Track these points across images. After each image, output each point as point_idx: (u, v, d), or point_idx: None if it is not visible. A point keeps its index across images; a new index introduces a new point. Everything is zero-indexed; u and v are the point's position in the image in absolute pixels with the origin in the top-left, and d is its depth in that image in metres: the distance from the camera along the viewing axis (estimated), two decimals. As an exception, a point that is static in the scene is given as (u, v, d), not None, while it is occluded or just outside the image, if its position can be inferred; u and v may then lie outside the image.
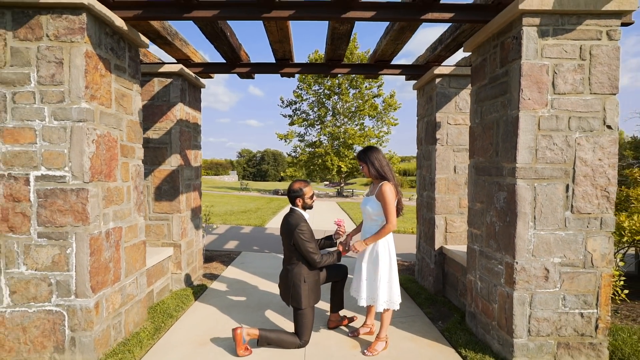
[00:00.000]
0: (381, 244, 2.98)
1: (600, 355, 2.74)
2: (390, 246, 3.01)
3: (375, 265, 2.96)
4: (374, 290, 2.95)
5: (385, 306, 2.94)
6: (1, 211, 2.58)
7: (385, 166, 3.00)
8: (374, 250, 2.97)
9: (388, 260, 2.97)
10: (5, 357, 2.64)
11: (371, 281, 2.98)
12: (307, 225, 3.01)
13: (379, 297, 2.91)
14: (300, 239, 2.92)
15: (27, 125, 2.56)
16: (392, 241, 3.07)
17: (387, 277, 2.94)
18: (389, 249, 2.98)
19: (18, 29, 2.52)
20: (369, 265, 2.99)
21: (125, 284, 3.10)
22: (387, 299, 2.94)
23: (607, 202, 2.69)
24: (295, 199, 3.10)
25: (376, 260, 2.96)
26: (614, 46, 2.64)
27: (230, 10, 2.98)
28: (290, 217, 3.06)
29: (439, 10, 2.98)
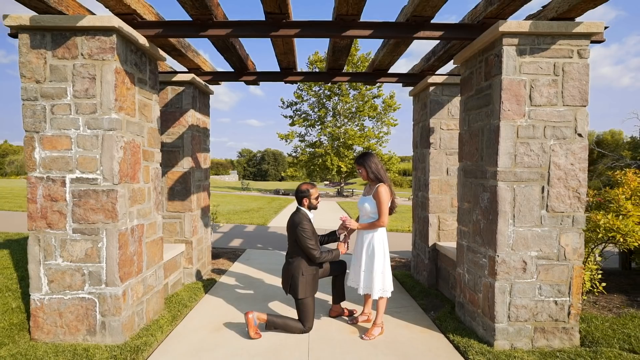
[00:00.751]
0: (377, 240, 3.31)
1: (572, 339, 3.07)
2: (384, 242, 3.34)
3: (372, 259, 3.29)
4: (370, 281, 3.29)
5: (380, 294, 3.27)
6: (40, 210, 2.92)
7: (381, 169, 3.35)
8: (371, 245, 3.31)
9: (382, 255, 3.31)
10: (44, 339, 2.98)
11: (368, 272, 3.32)
12: (309, 224, 3.34)
13: (374, 286, 3.25)
14: (302, 236, 3.26)
15: (63, 134, 2.89)
16: (386, 238, 3.40)
17: (381, 268, 3.28)
18: (383, 245, 3.32)
19: (57, 49, 2.85)
20: (366, 259, 3.33)
21: (147, 275, 3.43)
22: (381, 287, 3.28)
23: (578, 202, 3.02)
24: (302, 199, 3.44)
25: (372, 254, 3.30)
26: (584, 63, 2.97)
27: (241, 29, 3.31)
28: (295, 215, 3.40)
29: (430, 29, 3.31)
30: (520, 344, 3.05)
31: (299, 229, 3.27)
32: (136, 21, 3.16)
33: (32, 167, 2.91)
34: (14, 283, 4.25)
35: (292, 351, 3.02)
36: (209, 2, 2.96)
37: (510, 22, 2.90)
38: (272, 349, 3.05)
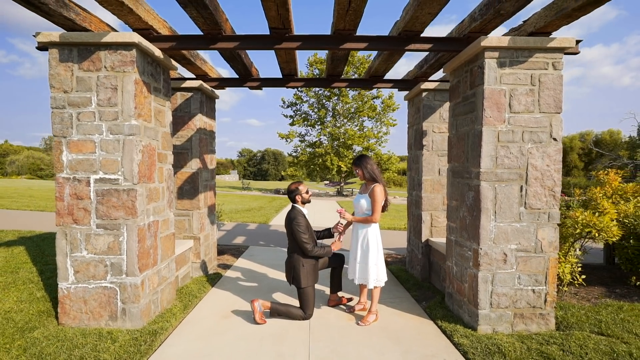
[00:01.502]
0: (371, 235, 3.63)
1: (548, 324, 3.39)
2: (377, 237, 3.67)
3: (366, 252, 3.61)
4: (366, 272, 3.60)
5: (374, 284, 3.59)
6: (67, 207, 3.23)
7: (376, 170, 3.67)
8: (365, 239, 3.62)
9: (376, 248, 3.63)
10: (70, 324, 3.29)
11: (363, 264, 3.63)
12: (303, 219, 3.67)
13: (370, 277, 3.57)
14: (297, 230, 3.58)
15: (88, 139, 3.21)
16: (379, 233, 3.72)
17: (375, 261, 3.60)
18: (376, 239, 3.64)
19: (82, 62, 3.17)
20: (361, 252, 3.65)
21: (161, 267, 3.75)
22: (376, 277, 3.60)
23: (553, 200, 3.34)
24: (294, 197, 3.78)
25: (367, 248, 3.62)
26: (558, 74, 3.29)
27: (248, 42, 3.62)
28: (291, 212, 3.74)
29: (420, 42, 3.62)
30: (501, 329, 3.37)
31: (294, 224, 3.60)
32: (152, 35, 3.47)
33: (60, 169, 3.22)
34: (35, 276, 4.58)
35: (295, 335, 3.34)
36: (218, 18, 3.27)
37: (492, 37, 3.21)
38: (276, 333, 3.37)
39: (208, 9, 3.00)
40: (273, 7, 3.00)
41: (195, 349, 3.02)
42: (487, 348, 3.02)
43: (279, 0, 2.89)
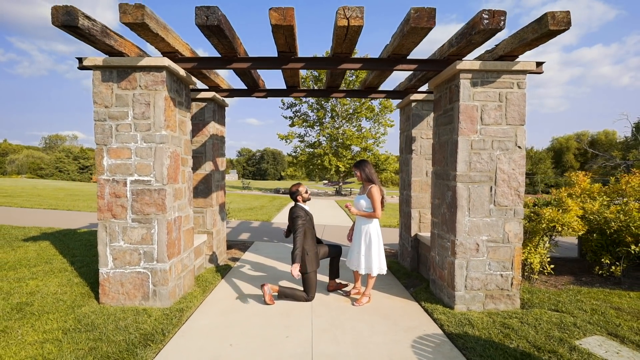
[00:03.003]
0: (372, 230, 4.23)
1: (514, 303, 4.00)
2: (378, 232, 4.28)
3: (369, 245, 4.21)
4: (370, 262, 4.21)
5: (378, 271, 4.20)
6: (107, 204, 3.82)
7: (373, 174, 4.29)
8: (367, 234, 4.22)
9: (377, 241, 4.23)
10: (109, 303, 3.88)
11: (367, 256, 4.23)
12: (302, 212, 4.27)
13: (373, 266, 4.18)
14: (295, 222, 4.20)
15: (125, 146, 3.80)
16: (379, 228, 4.32)
17: (377, 252, 4.21)
18: (378, 234, 4.25)
19: (121, 82, 3.76)
20: (364, 245, 4.24)
21: (183, 256, 4.34)
22: (378, 266, 4.20)
23: (518, 198, 3.94)
24: (296, 197, 4.40)
25: (370, 242, 4.22)
26: (522, 93, 3.90)
27: (258, 63, 4.22)
28: (293, 208, 4.39)
29: (407, 63, 4.22)
30: (474, 307, 3.98)
31: (295, 216, 4.24)
32: (177, 57, 4.06)
33: (101, 171, 3.81)
34: (68, 265, 5.18)
35: (299, 313, 3.93)
36: (234, 44, 3.86)
37: (465, 62, 3.82)
38: (283, 311, 3.97)
39: (227, 38, 3.59)
40: (282, 37, 3.60)
41: (217, 322, 3.62)
42: (460, 321, 3.62)
43: (287, 33, 3.49)
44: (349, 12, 3.24)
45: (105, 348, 2.93)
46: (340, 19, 3.26)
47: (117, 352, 2.87)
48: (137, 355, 2.85)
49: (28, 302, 3.81)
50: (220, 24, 3.25)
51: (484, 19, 3.24)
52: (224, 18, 3.33)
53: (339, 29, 3.37)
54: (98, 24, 3.36)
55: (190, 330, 3.43)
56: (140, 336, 3.16)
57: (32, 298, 3.92)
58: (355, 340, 3.30)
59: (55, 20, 3.10)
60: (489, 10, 3.25)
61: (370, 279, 4.29)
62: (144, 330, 3.27)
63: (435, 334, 3.44)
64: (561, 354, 2.92)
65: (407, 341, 3.30)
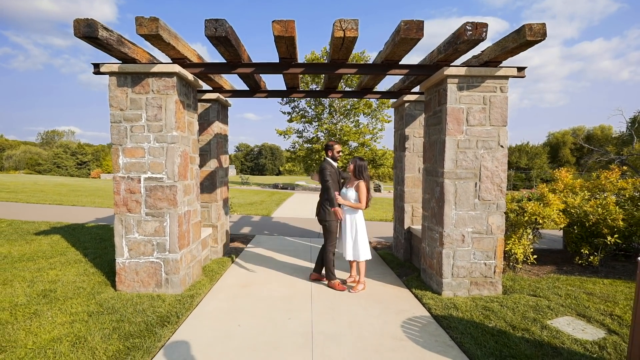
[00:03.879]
0: (359, 221, 4.59)
1: (496, 289, 4.37)
2: (363, 222, 4.65)
3: (356, 234, 4.57)
4: (357, 250, 4.57)
5: (365, 257, 4.56)
6: (123, 199, 4.16)
7: (365, 172, 4.63)
8: (354, 225, 4.58)
9: (363, 231, 4.60)
10: (125, 290, 4.23)
11: (355, 244, 4.60)
12: (330, 167, 4.66)
13: (361, 253, 4.55)
14: (323, 173, 4.59)
15: (139, 146, 4.12)
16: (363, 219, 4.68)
17: (363, 240, 4.57)
18: (363, 224, 4.62)
19: (135, 87, 4.07)
20: (353, 234, 4.60)
21: (192, 247, 4.69)
22: (365, 252, 4.57)
23: (501, 193, 4.30)
24: (327, 151, 4.80)
25: (356, 232, 4.58)
26: (504, 96, 4.24)
27: (262, 68, 4.54)
28: (322, 163, 4.73)
29: (399, 68, 4.55)
30: (460, 293, 4.35)
31: (322, 168, 4.61)
32: (186, 63, 4.38)
33: (117, 169, 4.14)
34: (82, 257, 5.52)
35: (300, 298, 4.29)
36: (239, 51, 4.17)
37: (452, 67, 4.15)
38: (286, 296, 4.33)
39: (233, 46, 3.91)
40: (284, 46, 3.92)
41: (225, 306, 3.98)
42: (446, 305, 3.99)
43: (288, 42, 3.81)
44: (345, 24, 3.56)
45: (127, 327, 3.28)
46: (337, 31, 3.58)
47: (139, 331, 3.23)
48: (156, 334, 3.20)
49: (51, 289, 4.16)
50: (227, 35, 3.56)
51: (467, 31, 3.57)
52: (231, 29, 3.65)
53: (336, 39, 3.69)
54: (114, 34, 3.67)
55: (202, 313, 3.78)
56: (157, 318, 3.51)
57: (54, 286, 4.26)
58: (350, 321, 3.66)
59: (77, 32, 3.40)
60: (472, 23, 3.58)
61: (362, 266, 4.66)
62: (160, 313, 3.62)
63: (423, 316, 3.81)
64: (533, 332, 3.30)
65: (398, 322, 3.66)
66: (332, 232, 4.71)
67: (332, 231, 4.71)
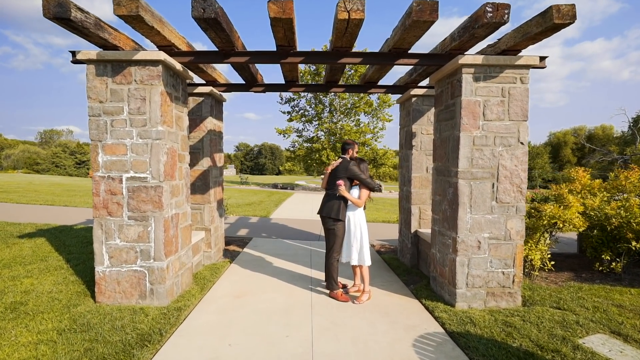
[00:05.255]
0: (362, 223, 4.23)
1: (515, 300, 3.97)
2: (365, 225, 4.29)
3: (361, 238, 4.20)
4: (362, 254, 4.19)
5: (369, 262, 4.19)
6: (103, 201, 3.75)
7: (367, 171, 4.25)
8: (359, 227, 4.20)
9: (366, 233, 4.23)
10: (106, 302, 3.82)
11: (361, 247, 4.21)
12: (356, 165, 4.28)
13: (365, 256, 4.20)
14: (357, 172, 4.22)
15: (121, 142, 3.71)
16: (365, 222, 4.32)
17: (367, 244, 4.21)
18: (366, 226, 4.26)
19: (115, 76, 3.66)
20: (356, 238, 4.21)
21: (181, 254, 4.28)
22: (369, 257, 4.19)
23: (520, 195, 3.89)
24: (347, 150, 4.43)
25: (361, 235, 4.21)
26: (525, 88, 3.83)
27: (257, 57, 4.13)
28: (344, 162, 4.34)
29: (408, 57, 4.14)
30: (475, 305, 3.94)
31: (351, 168, 4.22)
32: (174, 51, 3.97)
33: (97, 168, 3.73)
34: (64, 263, 5.11)
35: (299, 311, 3.89)
36: (232, 37, 3.76)
37: (468, 56, 3.74)
38: (284, 309, 3.92)
39: (225, 31, 3.50)
40: (281, 31, 3.51)
41: (215, 321, 3.57)
42: (461, 320, 3.59)
43: (286, 26, 3.40)
44: (350, 4, 3.16)
45: (101, 349, 2.87)
46: (340, 12, 3.18)
47: (114, 354, 2.82)
48: (133, 357, 2.80)
49: (22, 301, 3.75)
50: (217, 16, 3.15)
51: (487, 12, 3.16)
52: (221, 10, 3.24)
53: (339, 22, 3.29)
54: (91, 17, 3.26)
55: (189, 330, 3.38)
56: (137, 336, 3.11)
57: (26, 297, 3.86)
58: (355, 339, 3.26)
59: (46, 12, 3.00)
60: (493, 3, 3.17)
61: (365, 273, 4.26)
62: (141, 330, 3.22)
63: (437, 333, 3.41)
64: (565, 353, 2.89)
65: (409, 340, 3.26)
66: (338, 236, 4.30)
67: (338, 235, 4.30)
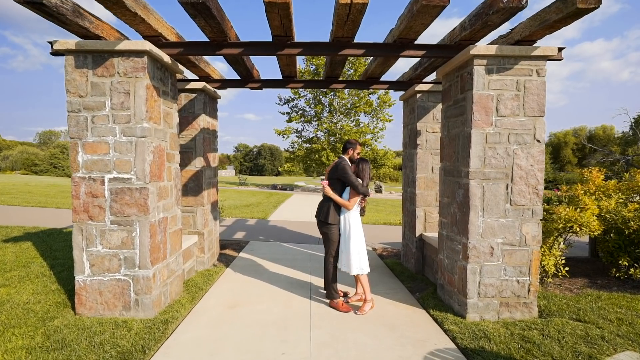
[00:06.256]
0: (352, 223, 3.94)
1: (531, 311, 3.66)
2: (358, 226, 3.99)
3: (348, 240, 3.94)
4: (361, 261, 3.90)
5: (357, 271, 3.91)
6: (83, 204, 3.44)
7: (366, 172, 3.98)
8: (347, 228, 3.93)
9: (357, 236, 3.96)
10: (87, 314, 3.51)
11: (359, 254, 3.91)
12: (349, 168, 3.99)
13: (364, 264, 3.94)
14: (347, 176, 3.91)
15: (103, 140, 3.41)
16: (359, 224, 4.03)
17: (358, 248, 3.94)
18: (358, 228, 3.97)
19: (97, 68, 3.36)
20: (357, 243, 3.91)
21: (170, 261, 3.97)
22: (359, 265, 3.93)
23: (537, 197, 3.59)
24: (348, 149, 4.12)
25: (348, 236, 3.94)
26: (541, 81, 3.53)
27: (251, 48, 3.83)
28: (339, 162, 4.05)
29: (414, 49, 3.84)
30: (488, 316, 3.64)
31: (343, 168, 3.94)
32: (161, 42, 3.67)
33: (76, 168, 3.43)
34: (47, 270, 4.80)
35: (297, 323, 3.58)
36: (224, 26, 3.47)
37: (480, 46, 3.45)
38: (280, 321, 3.61)
39: (216, 19, 3.20)
40: (276, 18, 3.21)
41: (205, 336, 3.27)
42: (474, 334, 3.28)
43: (282, 12, 3.10)
44: (352, -13, 2.86)
45: (74, 371, 2.57)
46: (342, -4, 2.88)
47: (88, 376, 2.52)
48: (111, 379, 2.49)
49: (-5, 313, 3.45)
50: (206, 0, 2.86)
51: (504, -4, 2.87)
52: (211, -6, 2.94)
53: (341, 7, 2.99)
54: (69, 2, 2.96)
55: (175, 346, 3.07)
56: (117, 355, 2.80)
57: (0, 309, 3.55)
58: (359, 357, 2.95)
59: (15, -5, 2.70)
60: (510, -14, 2.88)
61: (363, 280, 3.97)
62: (122, 348, 2.91)
63: (448, 349, 3.10)
64: (593, 375, 2.59)
65: (417, 358, 2.95)
66: (333, 240, 4.03)
67: (333, 240, 4.03)
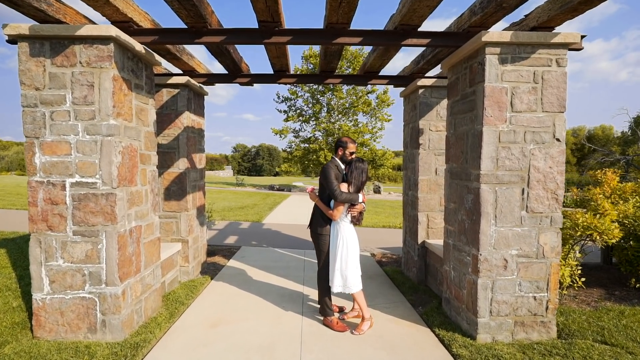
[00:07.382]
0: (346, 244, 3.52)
1: (549, 331, 3.26)
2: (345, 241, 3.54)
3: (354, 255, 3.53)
4: (358, 278, 3.49)
5: (339, 289, 3.52)
6: (41, 213, 3.02)
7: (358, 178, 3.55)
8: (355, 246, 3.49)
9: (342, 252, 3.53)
10: (46, 337, 3.09)
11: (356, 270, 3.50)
12: (335, 170, 3.54)
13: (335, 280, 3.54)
14: (326, 177, 3.47)
15: (63, 139, 2.99)
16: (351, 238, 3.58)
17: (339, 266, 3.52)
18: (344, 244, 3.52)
19: (55, 57, 2.94)
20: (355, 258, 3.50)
21: (145, 274, 3.55)
22: (342, 284, 3.53)
23: (556, 203, 3.19)
24: (338, 148, 3.67)
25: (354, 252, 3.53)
26: (562, 72, 3.12)
27: (235, 36, 3.41)
28: (327, 163, 3.61)
29: (418, 36, 3.44)
30: (501, 337, 3.23)
31: (324, 171, 3.51)
32: (132, 29, 3.24)
33: (33, 172, 3.00)
34: (13, 282, 4.36)
35: (286, 346, 3.17)
36: (203, 10, 3.05)
37: (493, 32, 3.04)
38: (267, 344, 3.20)
39: (191, 0, 2.79)
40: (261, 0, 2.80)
41: (179, 364, 2.85)
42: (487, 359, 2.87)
43: (266, -9, 2.69)
44: (347, -41, 2.45)
45: (14, 415, 2.14)
46: (335, -30, 2.47)
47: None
48: None
49: (-59, 337, 3.01)
50: (176, -25, 2.44)
51: (524, -29, 2.46)
52: (182, -31, 2.52)
53: (334, -16, 2.58)
54: (18, -21, 2.54)
55: (143, 377, 2.65)
56: (70, 391, 2.38)
57: (-52, 331, 3.12)
58: (355, 391, 2.54)
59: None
60: (531, -41, 2.47)
61: (357, 297, 3.56)
62: (79, 381, 2.49)
63: (458, 380, 2.69)
64: (633, 417, 2.18)
65: (423, 391, 2.54)
66: (323, 252, 3.65)
67: (323, 251, 3.65)
